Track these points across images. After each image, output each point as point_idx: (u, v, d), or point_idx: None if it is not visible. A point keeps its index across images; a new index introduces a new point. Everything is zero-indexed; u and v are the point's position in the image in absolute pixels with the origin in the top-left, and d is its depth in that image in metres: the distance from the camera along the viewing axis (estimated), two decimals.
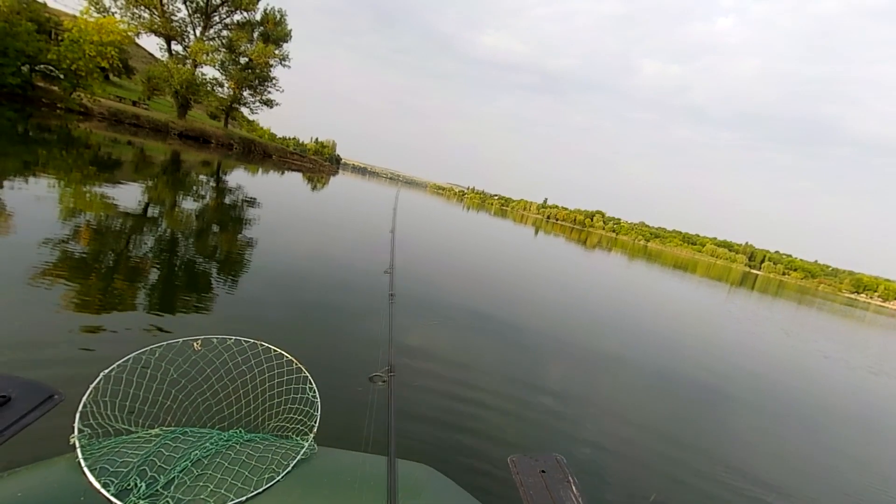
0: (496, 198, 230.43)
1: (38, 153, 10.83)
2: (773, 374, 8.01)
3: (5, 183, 7.21)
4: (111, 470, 1.16)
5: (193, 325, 3.84)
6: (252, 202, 12.43)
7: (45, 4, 27.10)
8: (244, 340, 1.65)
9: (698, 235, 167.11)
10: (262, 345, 1.64)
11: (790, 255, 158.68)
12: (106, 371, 1.35)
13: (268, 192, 17.15)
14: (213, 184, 15.30)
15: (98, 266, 4.73)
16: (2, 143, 11.31)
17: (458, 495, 1.39)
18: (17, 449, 1.18)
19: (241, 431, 1.45)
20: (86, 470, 1.12)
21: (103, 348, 3.12)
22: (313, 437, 1.43)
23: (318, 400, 1.57)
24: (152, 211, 8.19)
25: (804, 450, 4.81)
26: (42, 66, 23.38)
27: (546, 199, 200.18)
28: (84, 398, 1.29)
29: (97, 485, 1.10)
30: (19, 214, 5.60)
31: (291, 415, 1.56)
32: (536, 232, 45.29)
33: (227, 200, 12.01)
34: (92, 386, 1.32)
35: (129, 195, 8.82)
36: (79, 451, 1.17)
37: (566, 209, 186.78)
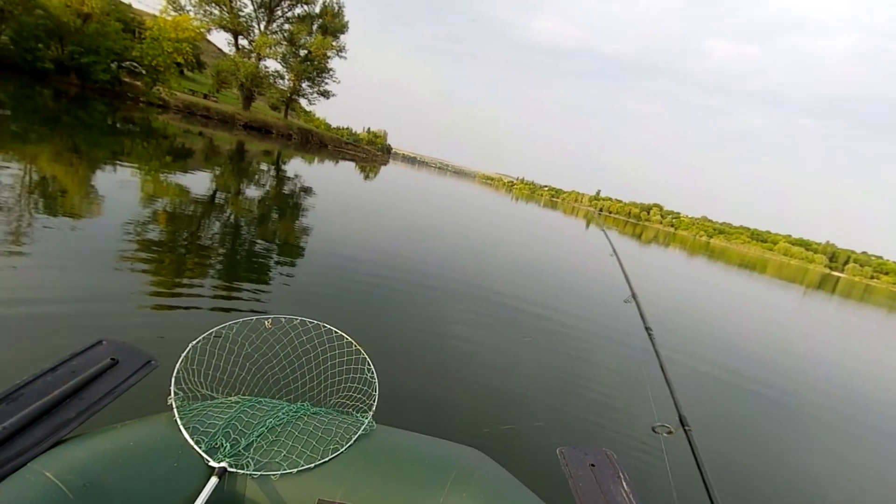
0: (546, 189, 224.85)
1: (123, 143, 11.91)
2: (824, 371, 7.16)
3: (114, 171, 7.95)
4: (201, 430, 1.30)
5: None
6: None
7: (129, 5, 29.51)
8: (309, 321, 1.77)
9: (769, 232, 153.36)
10: (324, 326, 1.75)
11: (880, 257, 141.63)
12: (194, 342, 1.52)
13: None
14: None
15: (222, 246, 5.28)
16: (94, 134, 12.53)
17: (507, 481, 1.42)
18: (116, 404, 1.34)
19: (307, 405, 1.56)
20: (182, 428, 1.27)
21: (190, 322, 3.37)
22: (372, 415, 1.52)
23: (377, 380, 1.67)
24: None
25: None
26: (127, 62, 25.58)
27: (599, 190, 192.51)
28: (178, 364, 1.45)
29: (191, 442, 1.25)
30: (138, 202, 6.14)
31: (352, 393, 1.67)
32: (587, 225, 43.64)
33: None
34: (183, 354, 1.48)
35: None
36: (175, 411, 1.32)
37: (620, 202, 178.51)
